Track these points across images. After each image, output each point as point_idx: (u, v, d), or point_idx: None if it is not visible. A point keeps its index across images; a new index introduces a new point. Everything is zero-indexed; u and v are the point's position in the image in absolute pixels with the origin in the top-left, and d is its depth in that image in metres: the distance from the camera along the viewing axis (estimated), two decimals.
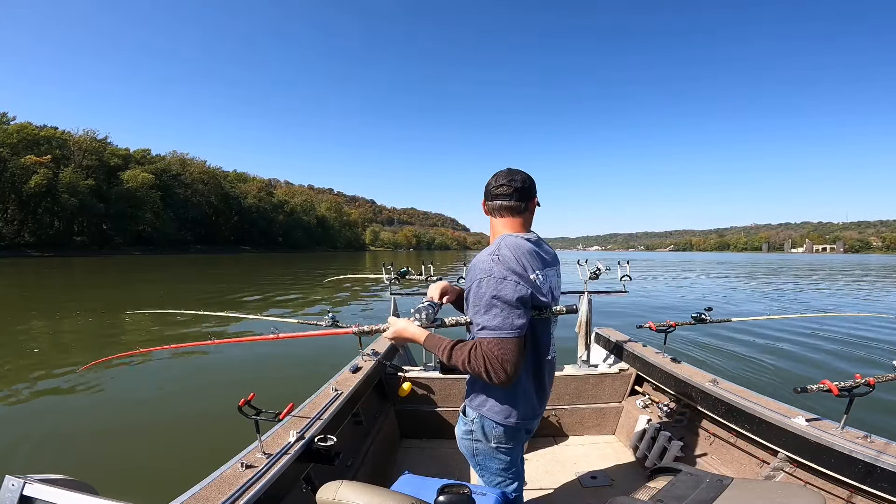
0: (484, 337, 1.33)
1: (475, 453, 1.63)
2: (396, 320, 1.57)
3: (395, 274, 3.42)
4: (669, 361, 2.91)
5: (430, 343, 1.47)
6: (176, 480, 1.55)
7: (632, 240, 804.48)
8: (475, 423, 1.57)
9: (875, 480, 1.63)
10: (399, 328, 1.53)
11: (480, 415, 1.54)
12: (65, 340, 8.12)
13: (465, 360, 1.34)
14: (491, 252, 1.42)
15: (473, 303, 1.38)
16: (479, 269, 1.39)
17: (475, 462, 1.66)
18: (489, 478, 1.67)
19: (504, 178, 1.52)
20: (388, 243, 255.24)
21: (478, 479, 1.77)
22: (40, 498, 1.07)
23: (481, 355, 1.31)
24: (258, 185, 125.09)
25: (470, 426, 1.59)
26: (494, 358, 1.30)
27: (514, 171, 1.54)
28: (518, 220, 1.55)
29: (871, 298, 16.23)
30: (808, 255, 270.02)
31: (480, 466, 1.66)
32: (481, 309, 1.35)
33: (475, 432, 1.58)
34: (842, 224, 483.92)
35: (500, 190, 1.52)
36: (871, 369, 5.70)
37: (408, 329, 1.51)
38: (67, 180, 63.50)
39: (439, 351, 1.41)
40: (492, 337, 1.32)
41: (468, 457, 1.68)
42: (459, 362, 1.36)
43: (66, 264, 37.28)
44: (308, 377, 4.10)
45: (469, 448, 1.64)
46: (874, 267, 47.28)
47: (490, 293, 1.33)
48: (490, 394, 1.51)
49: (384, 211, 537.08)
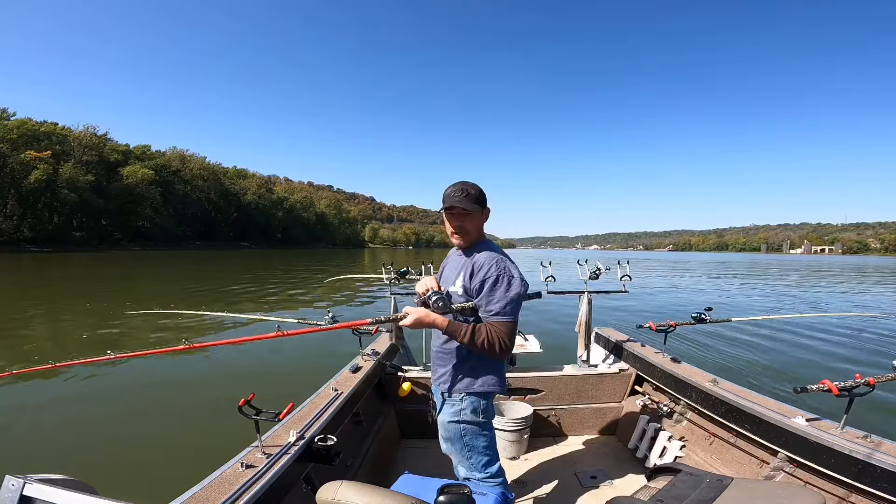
0: (499, 321, 1.64)
1: (463, 434, 1.79)
2: (416, 308, 1.71)
3: (395, 274, 3.42)
4: (669, 361, 2.91)
5: (451, 328, 1.65)
6: (176, 480, 1.55)
7: (631, 239, 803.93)
8: (464, 402, 1.77)
9: (875, 480, 1.63)
10: (420, 315, 1.65)
11: (468, 393, 1.76)
12: (61, 337, 8.12)
13: (484, 339, 1.60)
14: (503, 256, 1.76)
15: (492, 292, 1.66)
16: (499, 267, 1.69)
17: (462, 444, 1.80)
18: (476, 458, 1.80)
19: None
20: (387, 241, 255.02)
21: (463, 470, 1.81)
22: (40, 498, 1.07)
23: (496, 335, 1.62)
24: (258, 182, 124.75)
25: (458, 406, 1.78)
26: (507, 337, 1.63)
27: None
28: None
29: (870, 298, 16.26)
30: (806, 256, 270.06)
31: (469, 447, 1.80)
32: (501, 300, 1.65)
33: (464, 411, 1.77)
34: (840, 225, 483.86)
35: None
36: (871, 369, 5.71)
37: (430, 315, 1.65)
38: (67, 176, 63.29)
39: (460, 334, 1.63)
40: (507, 321, 1.65)
41: (454, 441, 1.82)
42: (479, 341, 1.61)
43: (65, 259, 37.23)
44: (308, 377, 4.09)
45: (457, 431, 1.80)
46: (872, 269, 47.28)
47: (515, 291, 1.67)
48: (482, 372, 1.76)
49: (384, 208, 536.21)
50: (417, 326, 1.68)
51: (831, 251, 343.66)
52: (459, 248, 1.86)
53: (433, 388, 1.95)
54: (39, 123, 68.00)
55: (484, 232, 1.87)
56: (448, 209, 1.74)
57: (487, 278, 1.67)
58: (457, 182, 1.77)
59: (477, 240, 1.83)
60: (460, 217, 1.75)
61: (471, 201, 1.73)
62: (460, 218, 1.76)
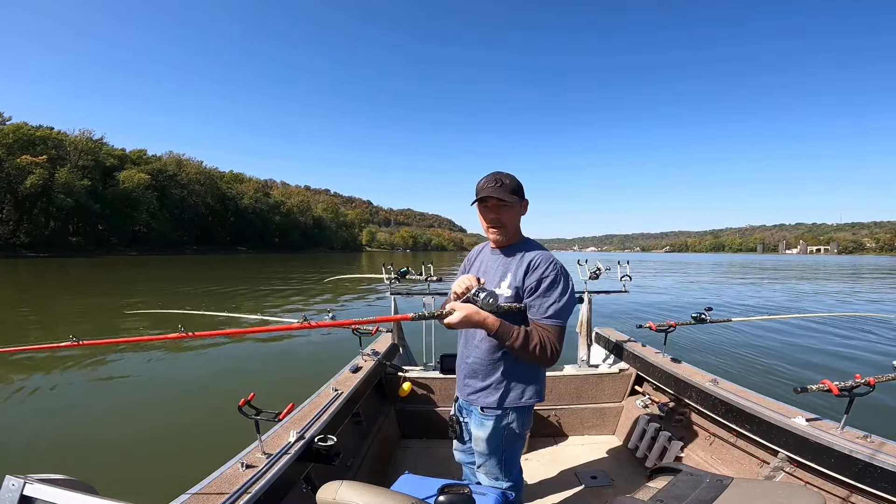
0: (552, 324, 1.54)
1: (505, 448, 1.70)
2: (463, 305, 1.50)
3: (396, 274, 3.41)
4: (669, 361, 2.91)
5: (503, 329, 1.50)
6: (176, 480, 1.54)
7: (628, 241, 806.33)
8: (510, 416, 1.66)
9: (875, 480, 1.63)
10: (469, 312, 1.48)
11: (516, 408, 1.65)
12: (54, 338, 8.08)
13: (536, 344, 1.50)
14: (554, 257, 1.63)
15: (548, 294, 1.56)
16: (557, 268, 1.59)
17: (500, 458, 1.71)
18: (507, 468, 1.73)
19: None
20: (384, 244, 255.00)
21: (487, 479, 1.76)
22: (40, 498, 1.06)
23: (549, 340, 1.52)
24: (254, 186, 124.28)
25: (505, 421, 1.66)
26: (558, 342, 1.54)
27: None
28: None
29: (870, 298, 16.32)
30: (802, 256, 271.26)
31: (507, 460, 1.72)
32: (557, 303, 1.55)
33: (510, 426, 1.66)
34: (836, 225, 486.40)
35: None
36: (871, 369, 5.73)
37: (480, 313, 1.48)
38: (63, 180, 62.95)
39: (512, 337, 1.50)
40: (559, 325, 1.55)
41: (495, 454, 1.71)
42: (532, 346, 1.50)
43: (61, 264, 37.07)
44: (308, 377, 4.09)
45: (498, 446, 1.69)
46: (868, 268, 47.48)
47: (569, 296, 1.58)
48: (531, 381, 1.66)
49: (381, 212, 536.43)
50: (465, 326, 1.51)
51: (827, 251, 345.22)
52: (497, 246, 1.72)
53: (461, 401, 1.81)
54: (35, 128, 67.70)
55: (520, 229, 1.72)
56: (481, 201, 1.61)
57: (545, 277, 1.56)
58: (490, 173, 1.63)
59: (517, 236, 1.70)
60: (496, 209, 1.61)
61: (507, 191, 1.58)
62: (496, 210, 1.61)
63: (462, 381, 1.76)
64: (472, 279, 1.60)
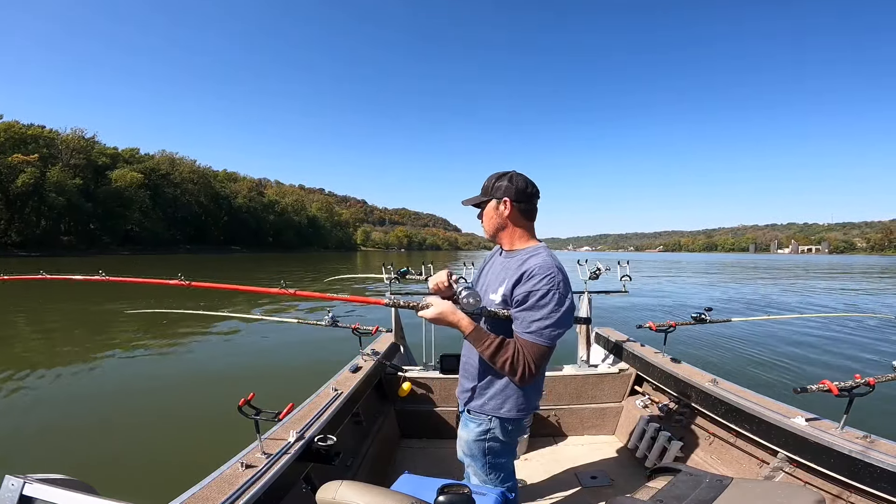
0: (534, 341, 1.39)
1: (487, 452, 1.64)
2: (440, 301, 1.47)
3: (396, 274, 3.39)
4: (669, 361, 2.92)
5: (476, 334, 1.43)
6: (176, 480, 1.53)
7: (622, 240, 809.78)
8: (493, 422, 1.59)
9: (875, 480, 1.63)
10: (444, 310, 1.43)
11: (498, 417, 1.57)
12: (54, 338, 8.01)
13: (508, 358, 1.39)
14: (561, 270, 1.45)
15: (536, 308, 1.40)
16: (553, 281, 1.41)
17: (485, 461, 1.66)
18: (496, 475, 1.68)
19: (529, 181, 1.55)
20: (379, 243, 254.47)
21: (477, 480, 1.75)
22: (40, 498, 1.06)
23: (524, 357, 1.39)
24: (248, 185, 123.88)
25: (486, 426, 1.60)
26: (534, 363, 1.39)
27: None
28: (532, 227, 1.60)
29: (870, 298, 16.46)
30: (793, 255, 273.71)
31: (491, 466, 1.66)
32: (545, 319, 1.39)
33: (493, 430, 1.59)
34: (827, 225, 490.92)
35: (533, 190, 1.55)
36: (871, 369, 5.79)
37: (455, 314, 1.43)
38: (55, 179, 62.33)
39: (482, 346, 1.42)
40: (543, 344, 1.40)
41: (478, 457, 1.67)
42: (502, 358, 1.40)
43: (53, 264, 36.70)
44: (308, 377, 4.08)
45: (482, 449, 1.64)
46: (859, 268, 47.95)
47: (561, 315, 1.40)
48: (514, 392, 1.54)
49: (375, 211, 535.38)
50: (438, 322, 1.45)
51: (818, 251, 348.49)
52: (503, 251, 1.64)
53: (459, 398, 1.81)
54: (27, 126, 67.01)
55: (531, 234, 1.59)
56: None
57: (535, 291, 1.40)
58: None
59: (522, 242, 1.58)
60: (481, 214, 1.59)
61: (481, 194, 1.56)
62: (480, 215, 1.60)
63: (460, 381, 1.75)
64: (443, 275, 1.64)
